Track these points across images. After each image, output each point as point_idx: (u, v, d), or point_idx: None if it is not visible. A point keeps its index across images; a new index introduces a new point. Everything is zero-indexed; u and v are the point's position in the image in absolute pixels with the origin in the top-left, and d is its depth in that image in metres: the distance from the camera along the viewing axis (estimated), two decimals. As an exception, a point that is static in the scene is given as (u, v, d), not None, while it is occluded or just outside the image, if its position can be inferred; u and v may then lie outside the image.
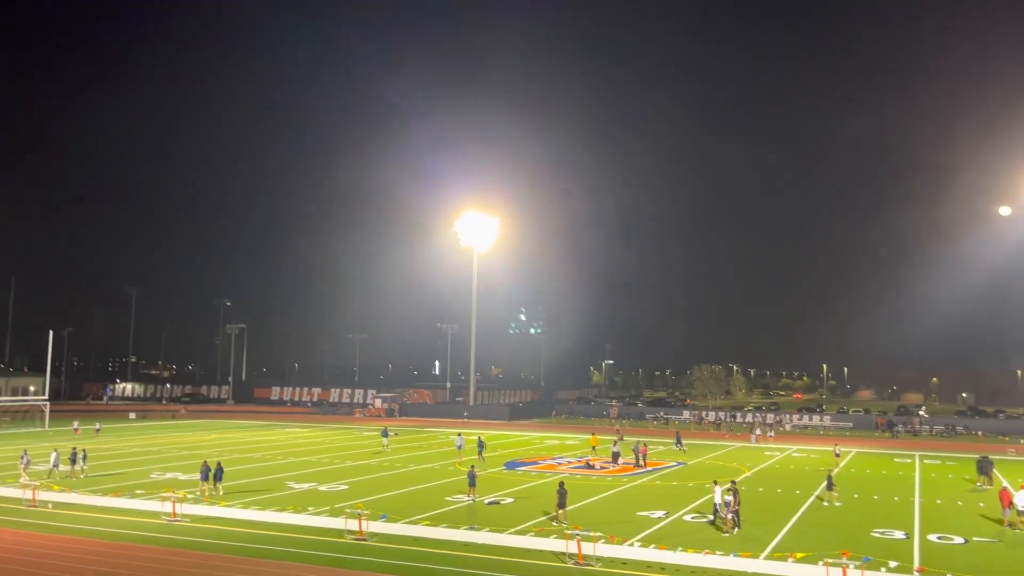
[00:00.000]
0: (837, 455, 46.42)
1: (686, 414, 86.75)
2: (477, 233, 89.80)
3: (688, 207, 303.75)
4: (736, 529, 25.96)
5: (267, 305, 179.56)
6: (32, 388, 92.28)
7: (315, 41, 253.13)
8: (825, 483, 33.59)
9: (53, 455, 37.73)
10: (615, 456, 45.08)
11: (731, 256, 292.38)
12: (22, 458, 37.02)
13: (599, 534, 22.97)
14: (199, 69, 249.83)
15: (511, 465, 44.21)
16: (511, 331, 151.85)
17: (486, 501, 31.68)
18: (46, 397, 73.05)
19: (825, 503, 32.40)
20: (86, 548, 23.38)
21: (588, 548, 22.17)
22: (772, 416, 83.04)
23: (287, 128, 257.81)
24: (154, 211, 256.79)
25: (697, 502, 32.07)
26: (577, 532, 22.64)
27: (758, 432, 63.59)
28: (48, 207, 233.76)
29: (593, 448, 50.11)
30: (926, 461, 49.75)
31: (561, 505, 27.69)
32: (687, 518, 28.70)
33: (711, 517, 27.89)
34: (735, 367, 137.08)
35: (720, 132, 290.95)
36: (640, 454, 43.73)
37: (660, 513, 29.41)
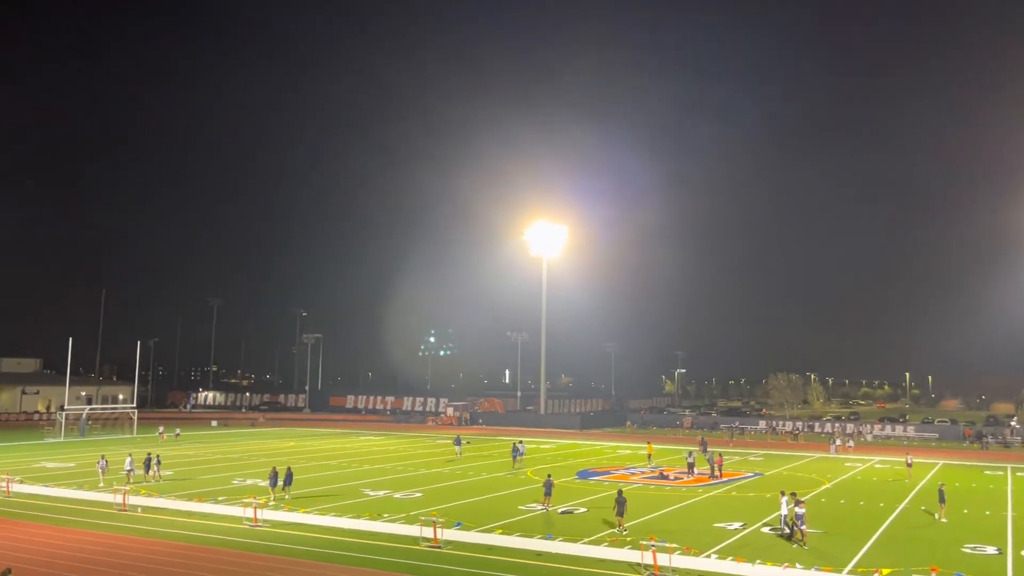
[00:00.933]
0: (909, 465, 44.68)
1: (762, 424, 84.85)
2: (546, 242, 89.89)
3: (763, 213, 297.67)
4: (802, 542, 25.23)
5: (341, 315, 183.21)
6: (121, 396, 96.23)
7: (389, 53, 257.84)
8: (938, 497, 31.71)
9: (128, 460, 39.24)
10: (690, 467, 44.44)
11: (809, 262, 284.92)
12: (99, 463, 38.87)
13: (675, 545, 22.64)
14: (278, 86, 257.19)
15: (584, 474, 43.99)
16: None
17: (559, 510, 31.59)
18: (134, 405, 76.00)
19: (938, 517, 30.92)
20: (172, 551, 24.20)
21: (664, 559, 21.88)
22: (852, 426, 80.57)
23: (361, 139, 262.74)
24: (234, 225, 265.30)
25: (774, 514, 31.27)
26: (653, 543, 22.37)
27: (838, 442, 61.76)
28: (135, 223, 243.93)
29: (649, 457, 50.04)
30: (1019, 474, 47.52)
31: (620, 513, 27.87)
32: (764, 530, 28.06)
33: (787, 530, 27.19)
34: (812, 376, 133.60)
35: (795, 137, 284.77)
36: (716, 464, 43.02)
37: (737, 524, 28.83)
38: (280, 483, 33.70)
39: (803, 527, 25.39)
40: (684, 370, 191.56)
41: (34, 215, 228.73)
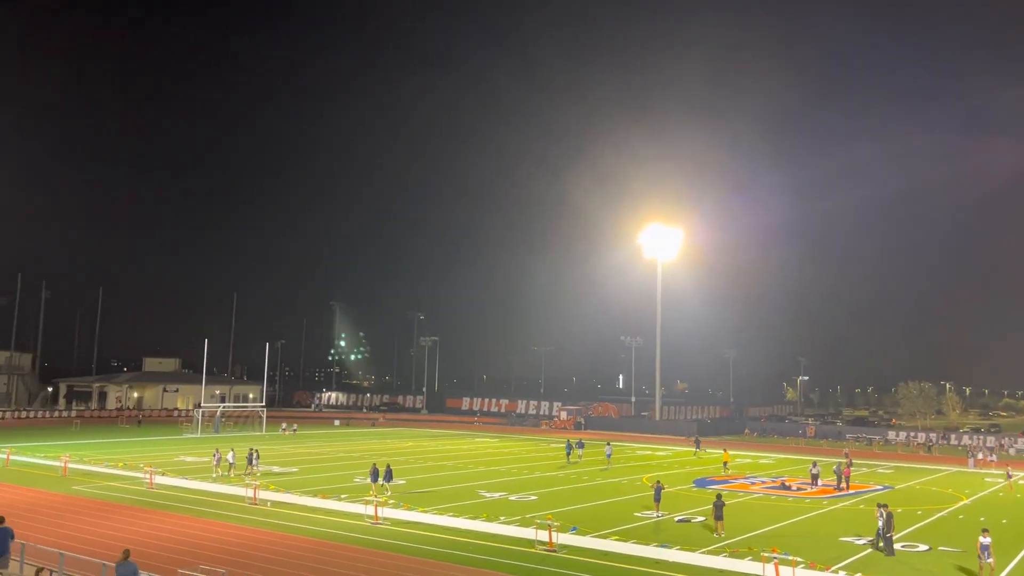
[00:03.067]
0: (1010, 478, 41.21)
1: (892, 434, 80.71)
2: (661, 245, 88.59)
3: (888, 212, 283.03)
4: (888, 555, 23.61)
5: (457, 319, 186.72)
6: (251, 395, 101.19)
7: (501, 55, 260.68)
8: None
9: (230, 454, 42.09)
10: (814, 478, 42.73)
11: (943, 265, 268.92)
12: (214, 455, 41.87)
13: (799, 559, 21.86)
14: (397, 94, 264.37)
15: (701, 483, 43.06)
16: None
17: (676, 518, 31.05)
18: (263, 403, 79.89)
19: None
20: (299, 544, 25.26)
21: (787, 573, 21.14)
22: (993, 439, 75.46)
23: (475, 143, 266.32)
24: (354, 232, 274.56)
25: (907, 529, 29.72)
26: (775, 555, 21.66)
27: (979, 456, 57.96)
28: (263, 232, 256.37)
29: (725, 464, 48.96)
30: None
31: (718, 517, 27.70)
32: (898, 546, 26.63)
33: (924, 546, 25.70)
34: (948, 384, 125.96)
35: (925, 125, 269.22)
36: (842, 476, 41.23)
37: (865, 540, 27.50)
38: (380, 479, 35.19)
39: (989, 559, 21.98)
40: (807, 377, 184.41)
41: (174, 228, 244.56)
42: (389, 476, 35.56)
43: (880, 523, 25.65)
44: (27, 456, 48.68)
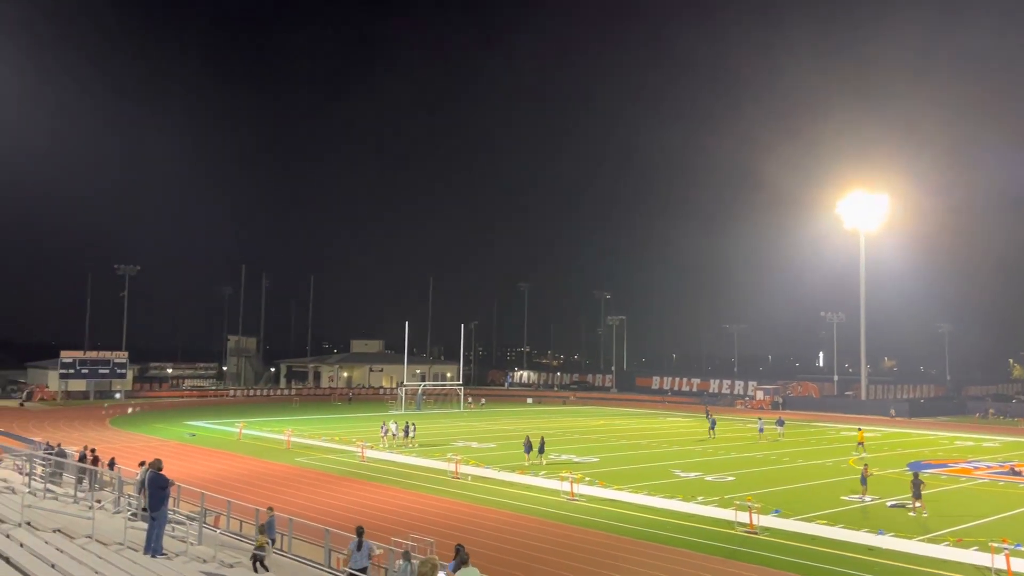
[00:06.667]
0: None
1: None
2: (864, 213, 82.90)
3: None
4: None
5: (645, 297, 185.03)
6: (448, 374, 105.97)
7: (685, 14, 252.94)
8: None
9: (393, 425, 47.36)
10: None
11: None
12: (383, 427, 46.95)
13: (1034, 551, 19.88)
14: (576, 72, 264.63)
15: (915, 466, 40.11)
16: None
17: (888, 503, 29.16)
18: (460, 382, 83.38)
19: None
20: (499, 517, 26.17)
21: (1020, 565, 19.30)
22: None
23: (662, 112, 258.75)
24: (541, 211, 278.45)
25: None
26: (1005, 546, 19.82)
27: None
28: (455, 219, 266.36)
29: (860, 444, 45.12)
30: None
31: (916, 496, 26.57)
32: None
33: None
34: None
35: None
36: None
37: (1117, 534, 24.49)
38: (535, 450, 37.87)
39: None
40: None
41: (376, 221, 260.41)
42: (542, 448, 38.07)
43: None
44: (256, 430, 53.81)
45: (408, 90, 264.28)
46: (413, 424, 48.38)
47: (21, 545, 12.36)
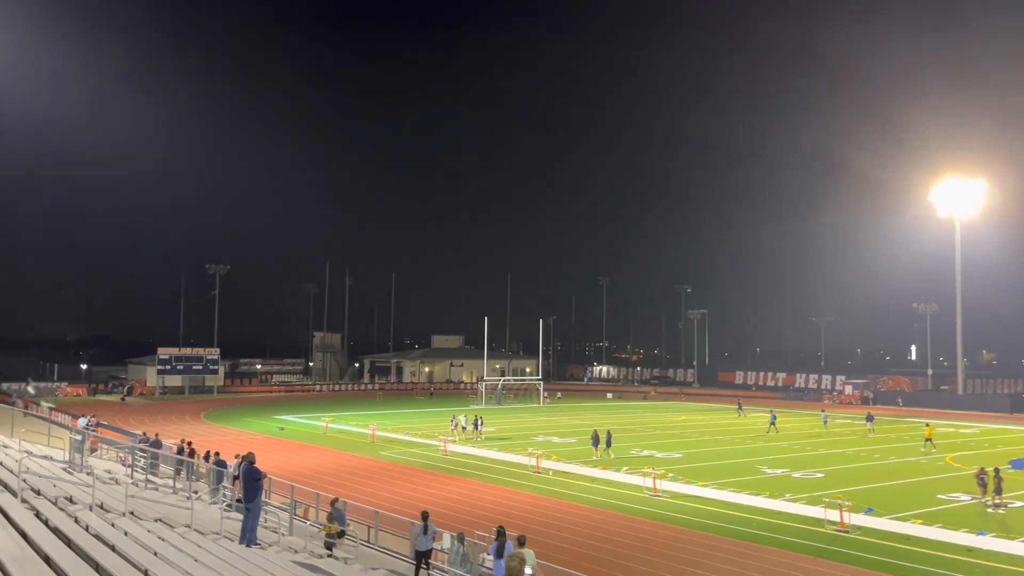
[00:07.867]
0: None
1: None
2: (959, 200, 79.32)
3: None
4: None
5: (726, 291, 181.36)
6: (527, 369, 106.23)
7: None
8: None
9: (463, 419, 48.22)
10: None
11: None
12: (452, 420, 48.47)
13: None
14: (653, 60, 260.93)
15: (1017, 464, 38.21)
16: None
17: (988, 504, 27.86)
18: (539, 377, 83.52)
19: None
20: (580, 512, 26.13)
21: None
22: None
23: (739, 98, 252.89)
24: (620, 204, 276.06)
25: None
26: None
27: None
28: (527, 214, 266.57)
29: (928, 440, 43.00)
30: None
31: (997, 491, 26.02)
32: None
33: None
34: None
35: None
36: None
37: None
38: (602, 444, 38.72)
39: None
40: None
41: (455, 219, 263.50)
42: (609, 440, 39.14)
43: None
44: (342, 424, 55.11)
45: (488, 92, 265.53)
46: (481, 418, 49.18)
47: (126, 534, 12.97)
